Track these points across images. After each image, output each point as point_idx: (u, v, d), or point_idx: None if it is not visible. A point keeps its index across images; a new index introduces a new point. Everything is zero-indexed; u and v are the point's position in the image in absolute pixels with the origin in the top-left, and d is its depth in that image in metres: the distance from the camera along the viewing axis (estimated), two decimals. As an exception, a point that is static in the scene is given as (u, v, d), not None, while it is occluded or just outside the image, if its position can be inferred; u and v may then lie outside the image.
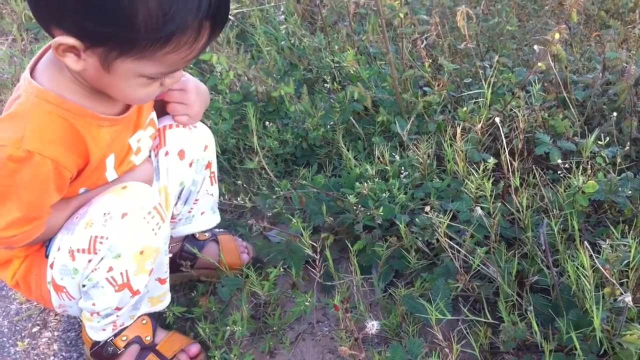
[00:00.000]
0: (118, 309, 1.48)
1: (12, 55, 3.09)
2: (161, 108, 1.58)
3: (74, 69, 1.21)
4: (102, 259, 1.36)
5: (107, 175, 1.43)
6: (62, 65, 1.24)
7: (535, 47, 1.94)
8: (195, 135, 1.63)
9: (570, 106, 2.01)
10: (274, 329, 1.70)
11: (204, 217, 1.77)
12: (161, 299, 1.61)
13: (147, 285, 1.48)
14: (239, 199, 1.88)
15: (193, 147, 1.63)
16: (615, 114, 1.84)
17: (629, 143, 1.85)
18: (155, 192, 1.43)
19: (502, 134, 1.64)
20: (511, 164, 1.76)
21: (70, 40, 1.15)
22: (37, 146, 1.24)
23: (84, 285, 1.42)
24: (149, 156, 1.59)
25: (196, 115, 1.59)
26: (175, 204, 1.67)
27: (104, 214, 1.35)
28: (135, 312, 1.56)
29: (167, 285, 1.61)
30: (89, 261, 1.37)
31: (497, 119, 1.64)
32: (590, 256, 1.39)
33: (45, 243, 1.45)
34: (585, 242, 1.35)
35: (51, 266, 1.42)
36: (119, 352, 1.60)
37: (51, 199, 1.32)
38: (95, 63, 1.20)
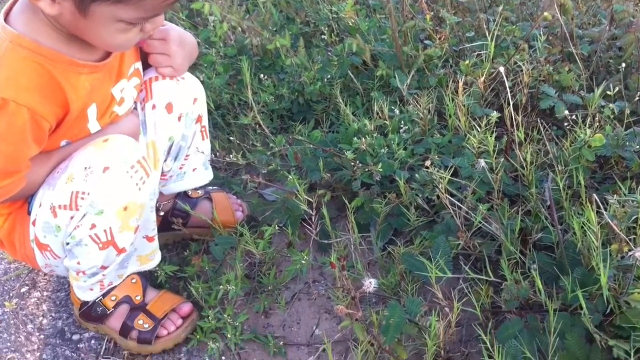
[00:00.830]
0: (104, 267, 1.43)
1: None
2: (146, 60, 1.51)
3: (49, 13, 1.14)
4: (84, 215, 1.30)
5: (90, 126, 1.36)
6: (37, 9, 1.17)
7: (542, -4, 1.86)
8: (184, 88, 1.56)
9: (577, 60, 1.93)
10: (269, 288, 1.65)
11: (196, 173, 1.71)
12: (150, 257, 1.56)
13: (133, 243, 1.42)
14: (232, 155, 1.82)
15: (181, 100, 1.55)
16: (623, 64, 1.76)
17: (636, 98, 1.77)
18: (139, 145, 1.37)
19: (507, 85, 1.57)
20: (514, 119, 1.69)
21: None
22: (11, 93, 1.17)
23: (67, 244, 1.36)
24: (135, 109, 1.52)
25: (180, 66, 1.51)
26: (165, 160, 1.61)
27: (85, 168, 1.29)
28: (123, 270, 1.51)
29: (155, 243, 1.55)
30: (71, 218, 1.31)
31: (502, 69, 1.56)
32: (597, 212, 1.33)
33: (28, 199, 1.39)
34: (595, 196, 1.28)
35: (33, 223, 1.37)
36: (108, 312, 1.56)
37: (30, 151, 1.26)
38: (71, 7, 1.13)
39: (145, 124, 1.54)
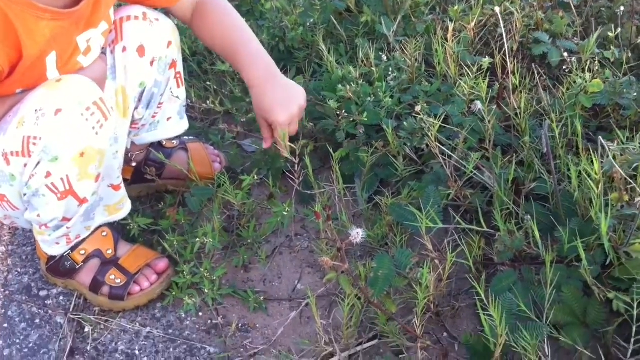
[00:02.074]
0: (66, 219, 1.33)
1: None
2: None
3: None
4: (38, 163, 1.21)
5: (49, 75, 1.25)
6: None
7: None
8: (157, 29, 1.44)
9: (571, 6, 1.85)
10: (249, 241, 1.57)
11: (171, 123, 1.61)
12: (119, 206, 1.46)
13: (96, 193, 1.32)
14: (209, 101, 1.72)
15: (154, 43, 1.44)
16: (622, 7, 1.68)
17: (626, 49, 1.70)
18: (95, 85, 1.25)
19: (502, 27, 1.48)
20: (505, 68, 1.61)
21: None
22: None
23: (25, 195, 1.27)
24: (104, 53, 1.41)
25: None
26: (136, 108, 1.50)
27: (36, 110, 1.18)
28: (90, 222, 1.41)
29: (123, 191, 1.45)
30: (25, 165, 1.21)
31: (497, 9, 1.48)
32: (593, 161, 1.26)
33: None
34: (600, 139, 1.21)
35: None
36: (77, 267, 1.47)
37: None
38: None
39: (114, 68, 1.43)
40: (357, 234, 1.15)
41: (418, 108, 1.46)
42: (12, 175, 1.23)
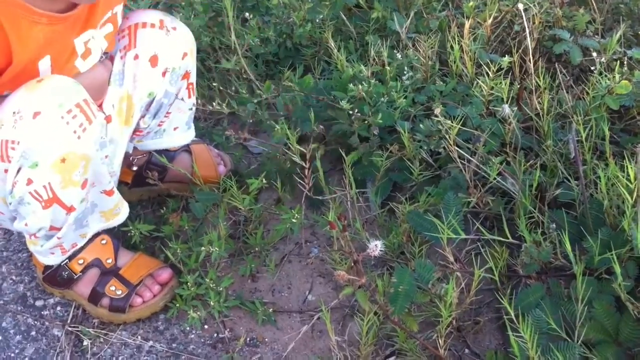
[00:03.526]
0: (55, 228, 1.25)
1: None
2: None
3: None
4: (19, 169, 1.13)
5: None
6: None
7: None
8: (174, 40, 1.38)
9: (592, 2, 1.77)
10: (256, 249, 1.49)
11: (177, 132, 1.54)
12: (115, 211, 1.38)
13: (85, 200, 1.25)
14: (214, 103, 1.64)
15: (169, 53, 1.38)
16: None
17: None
18: (80, 86, 1.17)
19: (524, 21, 1.40)
20: (522, 66, 1.54)
21: None
22: None
23: (10, 203, 1.19)
24: (112, 57, 1.34)
25: None
26: (143, 117, 1.43)
27: (14, 112, 1.11)
28: (84, 230, 1.33)
29: (117, 196, 1.36)
30: (5, 171, 1.14)
31: (520, 6, 1.40)
32: (622, 166, 1.19)
33: None
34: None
35: None
36: (75, 276, 1.39)
37: None
38: None
39: (122, 74, 1.36)
40: (375, 247, 1.08)
41: (437, 110, 1.38)
42: None
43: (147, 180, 1.56)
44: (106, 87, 1.34)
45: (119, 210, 1.38)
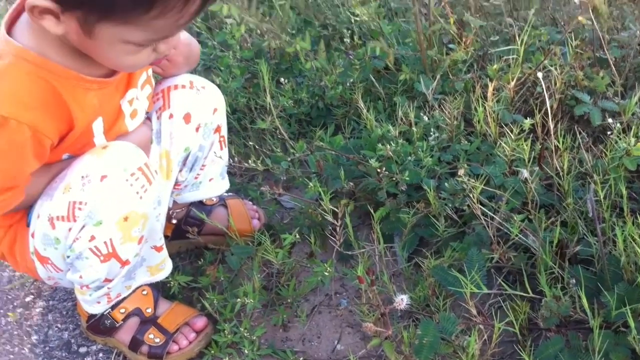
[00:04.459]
0: (108, 280, 1.35)
1: None
2: None
3: (54, 33, 1.06)
4: (83, 227, 1.22)
5: (96, 141, 1.28)
6: None
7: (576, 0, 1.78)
8: (204, 98, 1.49)
9: (611, 65, 1.84)
10: (288, 300, 1.56)
11: (212, 183, 1.63)
12: (160, 267, 1.47)
13: (138, 254, 1.34)
14: (250, 161, 1.73)
15: (200, 110, 1.49)
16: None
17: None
18: (140, 151, 1.28)
19: (544, 89, 1.48)
20: (544, 126, 1.60)
21: (43, 2, 1.01)
22: (12, 111, 1.09)
23: (68, 257, 1.28)
24: (149, 118, 1.45)
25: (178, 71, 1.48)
26: (180, 171, 1.53)
27: (82, 177, 1.21)
28: (130, 282, 1.42)
29: (164, 252, 1.46)
30: (69, 229, 1.23)
31: (540, 74, 1.48)
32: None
33: (28, 211, 1.31)
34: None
35: (32, 235, 1.29)
36: (117, 325, 1.47)
37: (29, 167, 1.19)
38: (76, 27, 1.05)
39: (160, 133, 1.47)
40: (402, 300, 1.15)
41: (462, 172, 1.45)
42: (57, 238, 1.25)
43: (186, 234, 1.65)
44: (150, 145, 1.45)
45: (164, 266, 1.47)
